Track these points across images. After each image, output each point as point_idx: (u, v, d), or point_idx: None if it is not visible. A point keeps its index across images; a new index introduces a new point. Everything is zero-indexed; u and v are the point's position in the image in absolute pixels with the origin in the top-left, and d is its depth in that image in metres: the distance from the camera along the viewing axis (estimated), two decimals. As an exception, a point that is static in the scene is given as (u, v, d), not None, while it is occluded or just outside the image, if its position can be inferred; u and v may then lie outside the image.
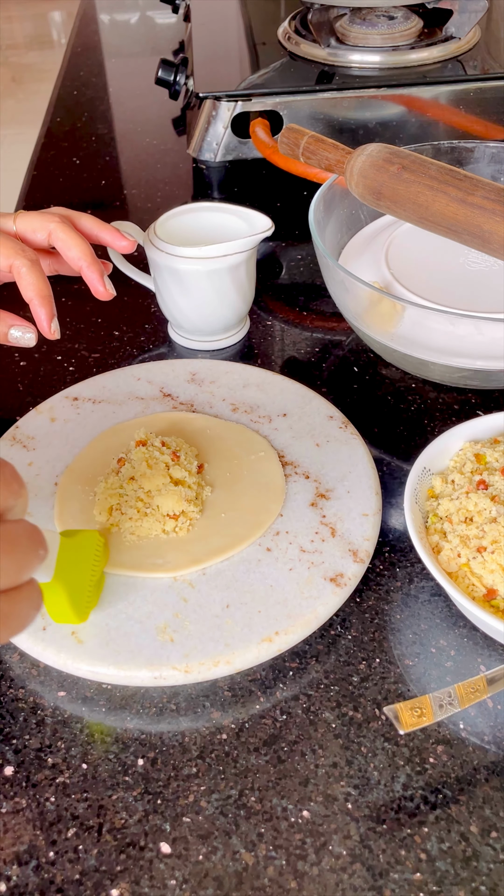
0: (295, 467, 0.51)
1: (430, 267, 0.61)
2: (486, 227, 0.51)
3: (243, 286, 0.60)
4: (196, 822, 0.37)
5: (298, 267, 0.73)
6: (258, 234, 0.57)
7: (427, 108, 0.80)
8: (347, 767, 0.39)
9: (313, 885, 0.35)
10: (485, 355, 0.52)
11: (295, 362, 0.63)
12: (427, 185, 0.53)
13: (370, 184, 0.56)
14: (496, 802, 0.37)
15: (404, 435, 0.56)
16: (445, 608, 0.45)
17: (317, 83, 0.80)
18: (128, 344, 0.65)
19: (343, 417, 0.54)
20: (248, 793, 0.38)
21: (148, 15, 1.34)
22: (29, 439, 0.53)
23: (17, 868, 0.36)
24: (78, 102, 1.05)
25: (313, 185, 0.62)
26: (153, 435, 0.50)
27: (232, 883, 0.35)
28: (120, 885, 0.35)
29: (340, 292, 0.57)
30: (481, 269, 0.61)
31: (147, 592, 0.44)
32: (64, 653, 0.41)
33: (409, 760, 0.39)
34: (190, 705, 0.41)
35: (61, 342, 0.65)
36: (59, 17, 4.11)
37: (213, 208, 0.63)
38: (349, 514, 0.48)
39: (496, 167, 0.68)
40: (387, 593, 0.46)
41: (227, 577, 0.45)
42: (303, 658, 0.43)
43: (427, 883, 0.35)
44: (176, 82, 0.92)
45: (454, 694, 0.38)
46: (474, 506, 0.44)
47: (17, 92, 3.27)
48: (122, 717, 0.41)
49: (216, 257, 0.57)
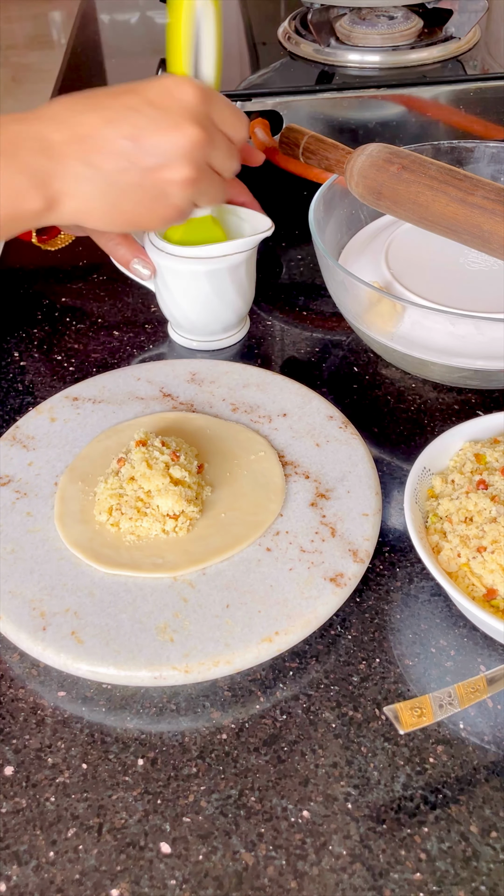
0: (295, 467, 0.51)
1: (430, 267, 0.61)
2: (486, 227, 0.51)
3: (243, 286, 0.60)
4: (196, 822, 0.37)
5: (298, 267, 0.73)
6: (258, 234, 0.57)
7: (427, 108, 0.79)
8: (347, 767, 0.39)
9: (313, 885, 0.35)
10: (485, 355, 0.52)
11: (295, 362, 0.63)
12: (427, 185, 0.53)
13: (370, 184, 0.56)
14: (496, 802, 0.37)
15: (404, 435, 0.56)
16: (445, 608, 0.45)
17: (317, 83, 0.79)
18: (128, 344, 0.65)
19: (343, 417, 0.54)
20: (248, 793, 0.38)
21: (148, 15, 1.34)
22: (29, 439, 0.53)
23: (17, 868, 0.36)
24: (78, 102, 1.05)
25: (313, 185, 0.62)
26: (153, 435, 0.50)
27: (232, 883, 0.35)
28: (120, 885, 0.35)
29: (340, 292, 0.57)
30: (481, 269, 0.61)
31: (147, 592, 0.44)
32: (64, 653, 0.41)
33: (409, 760, 0.39)
34: (190, 705, 0.41)
35: (61, 342, 0.65)
36: (59, 17, 4.10)
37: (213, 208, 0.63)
38: (349, 514, 0.48)
39: (496, 167, 0.68)
40: (387, 593, 0.46)
41: (227, 577, 0.45)
42: (303, 658, 0.43)
43: (427, 883, 0.35)
44: (176, 82, 0.91)
45: (454, 694, 0.38)
46: (474, 506, 0.44)
47: (17, 92, 3.27)
48: (122, 717, 0.41)
49: (216, 257, 0.57)
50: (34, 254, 0.74)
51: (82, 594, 0.44)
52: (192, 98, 0.45)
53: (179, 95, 0.45)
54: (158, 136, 0.45)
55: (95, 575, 0.45)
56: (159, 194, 0.46)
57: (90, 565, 0.45)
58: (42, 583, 0.44)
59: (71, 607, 0.43)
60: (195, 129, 0.45)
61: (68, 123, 0.44)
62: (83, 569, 0.45)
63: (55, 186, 0.44)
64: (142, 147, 0.44)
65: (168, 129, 0.45)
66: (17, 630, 0.42)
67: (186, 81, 0.46)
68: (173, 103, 0.45)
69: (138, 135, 0.44)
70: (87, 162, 0.44)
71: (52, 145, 0.44)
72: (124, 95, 0.45)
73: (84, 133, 0.44)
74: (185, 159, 0.45)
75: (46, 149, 0.44)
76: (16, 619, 0.43)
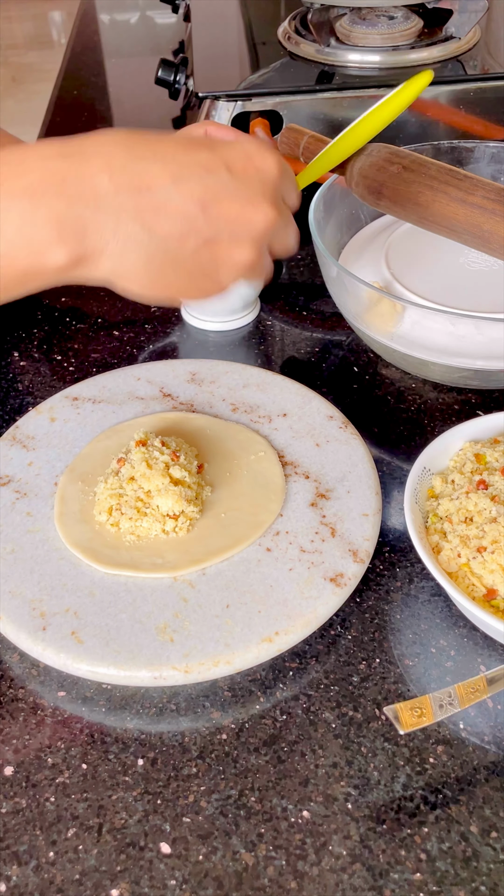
0: (295, 467, 0.51)
1: (430, 267, 0.61)
2: (486, 226, 0.51)
3: None
4: (196, 822, 0.37)
5: (298, 267, 0.73)
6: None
7: (427, 108, 0.79)
8: (347, 767, 0.39)
9: (313, 886, 0.35)
10: (485, 355, 0.52)
11: (295, 362, 0.63)
12: (427, 185, 0.53)
13: (370, 184, 0.56)
14: (496, 802, 0.37)
15: (404, 435, 0.56)
16: (445, 608, 0.45)
17: (317, 83, 0.79)
18: (128, 344, 0.65)
19: (343, 417, 0.54)
20: (248, 793, 0.38)
21: (148, 15, 1.34)
22: (29, 439, 0.53)
23: (17, 868, 0.36)
24: (78, 102, 1.05)
25: (313, 185, 0.62)
26: (153, 435, 0.50)
27: (232, 883, 0.35)
28: (120, 885, 0.35)
29: (340, 292, 0.57)
30: (481, 269, 0.61)
31: (147, 592, 0.44)
32: (64, 653, 0.41)
33: (409, 760, 0.39)
34: (190, 705, 0.41)
35: (61, 342, 0.65)
36: (59, 17, 4.10)
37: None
38: (349, 514, 0.48)
39: (496, 167, 0.68)
40: (387, 593, 0.46)
41: (227, 577, 0.45)
42: (303, 658, 0.43)
43: (427, 883, 0.35)
44: (176, 82, 0.92)
45: (454, 694, 0.38)
46: (474, 506, 0.44)
47: (17, 92, 3.27)
48: (122, 717, 0.41)
49: None
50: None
51: (82, 594, 0.44)
52: (274, 172, 0.40)
53: (262, 165, 0.39)
54: (233, 209, 0.38)
55: (95, 575, 0.45)
56: (211, 270, 0.40)
57: (90, 565, 0.45)
58: (42, 583, 0.44)
59: (71, 607, 0.43)
60: (272, 209, 0.39)
61: (126, 170, 0.37)
62: (83, 569, 0.45)
63: (91, 242, 0.36)
64: (210, 216, 0.38)
65: (245, 203, 0.38)
66: (17, 630, 0.42)
67: (269, 151, 0.40)
68: (255, 174, 0.39)
69: (210, 201, 0.37)
70: (141, 220, 0.37)
71: (98, 194, 0.36)
72: (197, 151, 0.38)
73: (143, 185, 0.37)
74: (254, 242, 0.39)
75: (91, 196, 0.36)
76: (16, 619, 0.43)
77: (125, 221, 0.37)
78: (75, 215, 0.36)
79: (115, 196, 0.36)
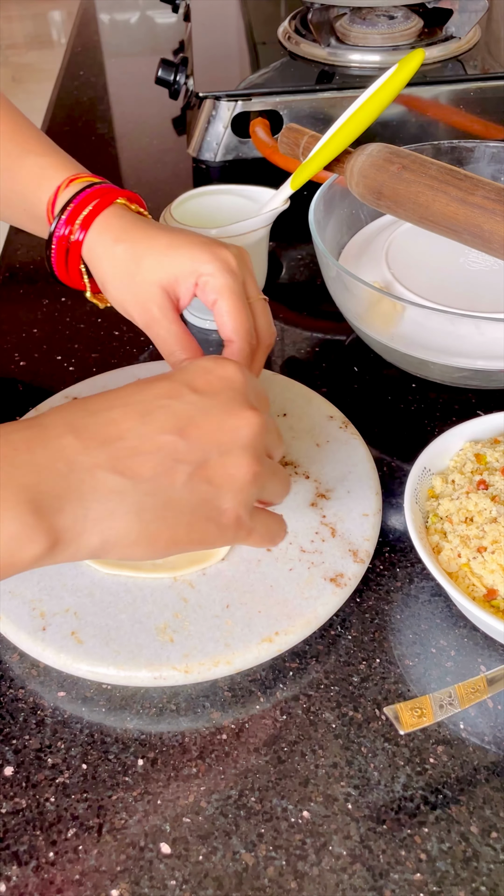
0: (295, 467, 0.51)
1: (430, 267, 0.61)
2: (487, 226, 0.51)
3: (259, 264, 0.62)
4: (196, 822, 0.37)
5: (298, 267, 0.73)
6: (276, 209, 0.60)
7: (427, 108, 0.80)
8: (347, 768, 0.39)
9: (313, 886, 0.35)
10: (485, 355, 0.52)
11: (295, 362, 0.63)
12: (427, 185, 0.53)
13: (370, 184, 0.56)
14: (496, 802, 0.37)
15: (404, 435, 0.56)
16: (445, 608, 0.45)
17: (317, 83, 0.80)
18: (128, 344, 0.65)
19: (343, 417, 0.54)
20: (248, 793, 0.38)
21: (148, 15, 1.34)
22: (29, 439, 0.53)
23: (17, 868, 0.36)
24: (78, 102, 1.05)
25: (313, 185, 0.62)
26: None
27: (232, 883, 0.35)
28: (120, 885, 0.35)
29: (340, 292, 0.57)
30: (481, 269, 0.61)
31: (147, 592, 0.44)
32: (64, 653, 0.41)
33: (410, 761, 0.39)
34: (190, 705, 0.41)
35: (61, 342, 0.65)
36: (59, 17, 4.11)
37: (221, 191, 0.67)
38: (349, 514, 0.48)
39: (496, 167, 0.68)
40: (387, 593, 0.46)
41: (227, 577, 0.45)
42: (303, 658, 0.43)
43: (427, 883, 0.35)
44: (176, 82, 0.92)
45: (454, 694, 0.38)
46: (474, 506, 0.44)
47: (17, 92, 3.27)
48: (122, 718, 0.41)
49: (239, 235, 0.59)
50: (34, 253, 0.74)
51: (82, 594, 0.44)
52: (239, 377, 0.37)
53: (224, 374, 0.37)
54: (212, 425, 0.35)
55: (95, 575, 0.45)
56: (212, 497, 0.35)
57: (90, 565, 0.45)
58: (42, 583, 0.44)
59: (71, 607, 0.43)
60: (253, 413, 0.37)
61: (89, 426, 0.34)
62: (83, 569, 0.45)
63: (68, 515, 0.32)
64: (191, 440, 0.35)
65: (222, 415, 0.36)
66: (17, 630, 0.42)
67: (227, 361, 0.38)
68: (221, 385, 0.37)
69: (186, 426, 0.35)
70: (119, 470, 0.33)
71: (68, 456, 0.33)
72: (154, 384, 0.36)
73: (111, 434, 0.34)
74: (246, 450, 0.36)
75: (60, 459, 0.33)
76: (16, 619, 0.43)
77: (102, 478, 0.33)
78: (47, 488, 0.32)
79: (85, 453, 0.33)
